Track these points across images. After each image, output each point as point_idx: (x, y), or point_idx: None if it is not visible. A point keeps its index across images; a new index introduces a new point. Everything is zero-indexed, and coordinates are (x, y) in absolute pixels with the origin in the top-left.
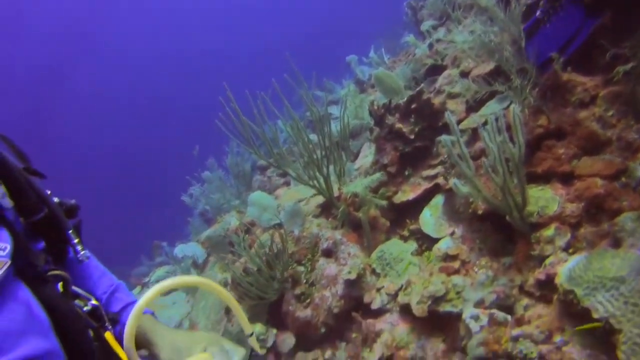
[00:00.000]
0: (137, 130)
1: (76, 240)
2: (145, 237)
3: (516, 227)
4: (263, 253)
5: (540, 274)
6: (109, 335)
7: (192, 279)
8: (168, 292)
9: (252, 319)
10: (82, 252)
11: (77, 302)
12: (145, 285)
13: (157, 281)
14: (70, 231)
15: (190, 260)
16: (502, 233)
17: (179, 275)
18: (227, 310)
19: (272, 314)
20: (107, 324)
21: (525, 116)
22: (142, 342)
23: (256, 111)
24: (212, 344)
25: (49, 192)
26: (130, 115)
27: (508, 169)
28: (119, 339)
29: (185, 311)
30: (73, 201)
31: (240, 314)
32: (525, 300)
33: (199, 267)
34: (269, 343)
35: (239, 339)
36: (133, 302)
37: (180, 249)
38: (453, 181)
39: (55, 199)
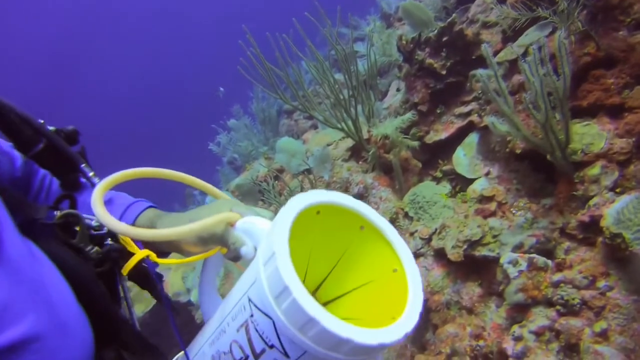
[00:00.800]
0: (159, 78)
1: (83, 165)
2: (177, 185)
3: (558, 167)
4: None
5: (583, 215)
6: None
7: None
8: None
9: None
10: (91, 175)
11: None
12: None
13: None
14: (83, 165)
15: None
16: (541, 172)
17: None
18: None
19: None
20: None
21: (571, 44)
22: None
23: (279, 53)
24: (237, 204)
25: (41, 122)
26: (153, 63)
27: (550, 103)
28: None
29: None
30: (71, 127)
31: (206, 188)
32: (567, 244)
33: None
34: None
35: None
36: (134, 202)
37: (211, 199)
38: (490, 119)
39: (51, 128)
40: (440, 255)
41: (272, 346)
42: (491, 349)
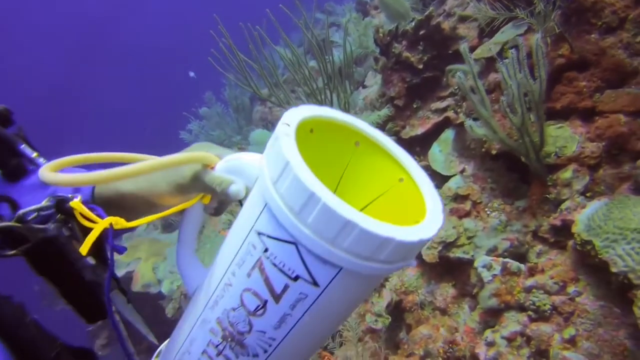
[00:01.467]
0: (128, 61)
1: (34, 155)
2: None
3: (532, 169)
4: None
5: (555, 219)
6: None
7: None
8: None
9: None
10: (34, 155)
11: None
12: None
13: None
14: (23, 146)
15: None
16: (515, 172)
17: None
18: None
19: None
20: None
21: (547, 45)
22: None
23: (252, 45)
24: (212, 147)
25: None
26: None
27: (526, 104)
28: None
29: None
30: (0, 106)
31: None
32: (539, 247)
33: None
34: None
35: None
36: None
37: None
38: (468, 122)
39: None
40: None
41: (296, 278)
42: (464, 353)
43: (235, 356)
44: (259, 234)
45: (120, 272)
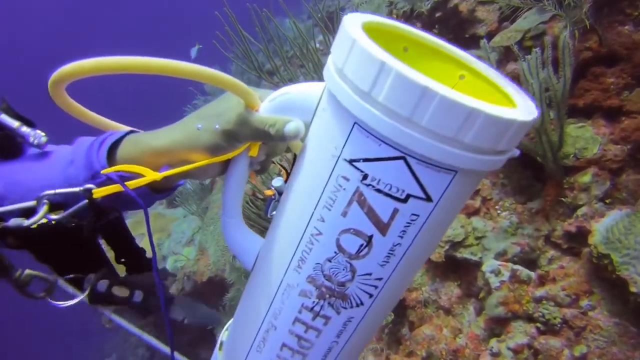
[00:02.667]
0: (134, 36)
1: (15, 125)
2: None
3: (547, 169)
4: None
5: (570, 225)
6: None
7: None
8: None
9: None
10: (16, 125)
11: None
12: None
13: None
14: (2, 115)
15: (197, 181)
16: (529, 169)
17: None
18: None
19: None
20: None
21: (573, 38)
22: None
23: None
24: (252, 90)
25: None
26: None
27: (546, 100)
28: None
29: (197, 225)
30: None
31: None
32: (551, 252)
33: (206, 189)
34: None
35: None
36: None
37: None
38: None
39: None
40: None
41: (406, 198)
42: None
43: (337, 312)
44: (351, 162)
45: None
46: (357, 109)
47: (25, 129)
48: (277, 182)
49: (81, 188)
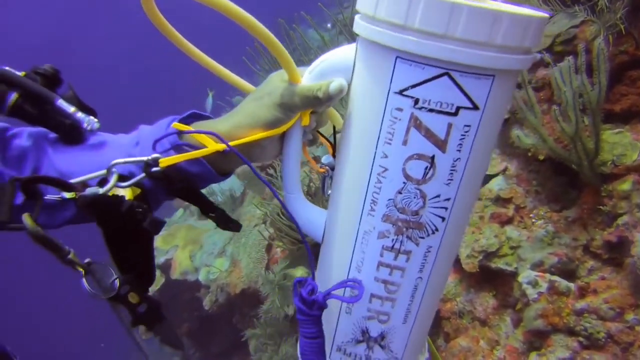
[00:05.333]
0: (159, 57)
1: (72, 110)
2: None
3: (584, 177)
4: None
5: (610, 234)
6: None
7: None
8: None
9: (293, 264)
10: (72, 110)
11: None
12: (187, 208)
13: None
14: (60, 101)
15: (228, 193)
16: (563, 175)
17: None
18: (268, 249)
19: (315, 258)
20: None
21: (608, 43)
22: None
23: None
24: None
25: (6, 68)
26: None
27: (580, 105)
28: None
29: (228, 236)
30: (46, 66)
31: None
32: (591, 263)
33: (237, 201)
34: None
35: (282, 285)
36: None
37: None
38: (516, 132)
39: (20, 73)
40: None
41: (457, 110)
42: None
43: (416, 244)
44: (401, 92)
45: (159, 260)
46: (397, 42)
47: (80, 115)
48: (327, 159)
49: (149, 157)
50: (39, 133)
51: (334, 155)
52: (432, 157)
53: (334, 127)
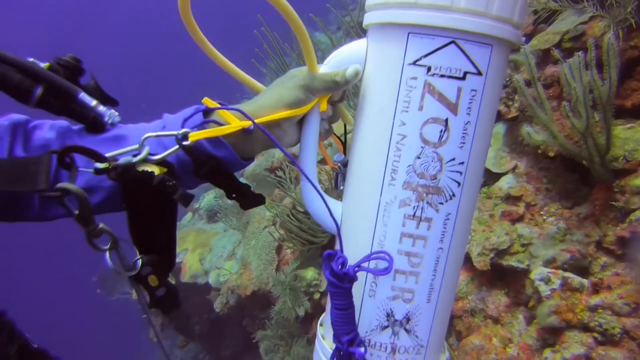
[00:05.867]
0: (168, 57)
1: (93, 103)
2: None
3: (595, 173)
4: None
5: (623, 230)
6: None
7: None
8: None
9: (304, 264)
10: (93, 104)
11: None
12: (196, 212)
13: (208, 208)
14: (82, 94)
15: None
16: (574, 172)
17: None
18: (278, 251)
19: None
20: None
21: (618, 38)
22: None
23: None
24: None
25: (31, 59)
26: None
27: (590, 101)
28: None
29: (237, 239)
30: (67, 56)
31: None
32: (604, 259)
33: None
34: (323, 288)
35: (293, 286)
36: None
37: None
38: (526, 129)
39: (42, 64)
40: (464, 258)
41: (464, 75)
42: None
43: (436, 210)
44: (415, 62)
45: None
46: (410, 18)
47: (101, 108)
48: (338, 156)
49: (179, 132)
50: (62, 125)
51: (344, 153)
52: (446, 120)
53: (345, 126)
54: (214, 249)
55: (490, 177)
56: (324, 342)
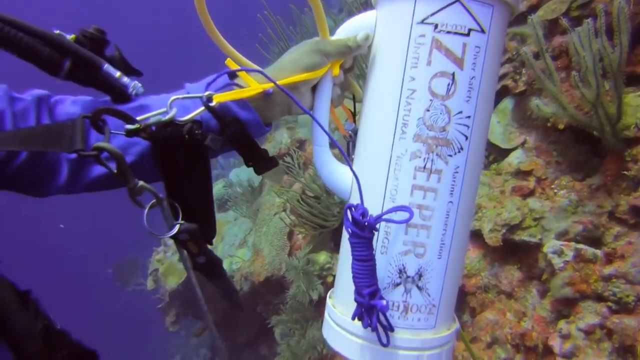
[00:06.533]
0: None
1: (117, 75)
2: None
3: (606, 143)
4: (319, 177)
5: (636, 199)
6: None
7: None
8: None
9: (316, 248)
10: (117, 75)
11: None
12: None
13: (218, 197)
14: (106, 66)
15: (246, 184)
16: (585, 144)
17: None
18: (290, 236)
19: (337, 241)
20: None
21: (629, 3)
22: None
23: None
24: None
25: (57, 32)
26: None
27: (600, 70)
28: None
29: (248, 227)
30: (92, 28)
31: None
32: (617, 229)
33: (256, 192)
34: (335, 271)
35: (306, 271)
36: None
37: (234, 174)
38: (535, 102)
39: (69, 36)
40: (476, 235)
41: (469, 32)
42: (535, 343)
43: (445, 162)
44: (423, 21)
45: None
46: None
47: (125, 80)
48: (349, 126)
49: (204, 94)
50: (86, 100)
51: (354, 122)
52: (453, 74)
53: (354, 96)
54: (226, 237)
55: (500, 153)
56: (335, 310)
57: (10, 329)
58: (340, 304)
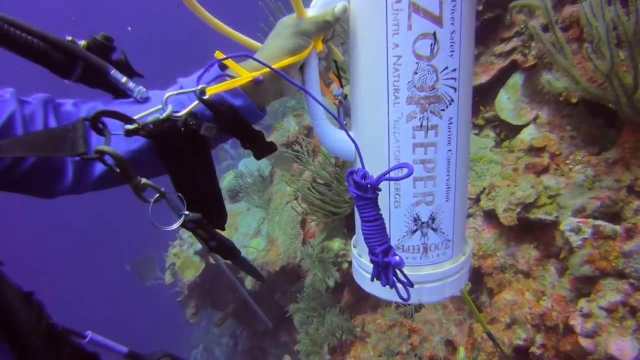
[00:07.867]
0: (170, 33)
1: (123, 80)
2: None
3: (622, 115)
4: (329, 164)
5: None
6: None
7: None
8: None
9: (330, 236)
10: (123, 80)
11: None
12: None
13: (229, 188)
14: (113, 72)
15: (256, 173)
16: (599, 116)
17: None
18: (302, 225)
19: (350, 227)
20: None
21: None
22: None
23: None
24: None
25: (69, 38)
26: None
27: (615, 41)
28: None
29: (261, 217)
30: (100, 35)
31: None
32: (637, 203)
33: (266, 181)
34: (350, 257)
35: (321, 258)
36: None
37: (243, 164)
38: (546, 77)
39: (81, 42)
40: (490, 215)
41: None
42: (556, 323)
43: (439, 117)
44: None
45: (196, 247)
46: None
47: (131, 85)
48: (337, 91)
49: (197, 88)
50: (85, 101)
51: (341, 86)
52: (434, 34)
53: (336, 62)
54: (240, 228)
55: (511, 130)
56: (362, 259)
57: (15, 322)
58: (365, 253)
